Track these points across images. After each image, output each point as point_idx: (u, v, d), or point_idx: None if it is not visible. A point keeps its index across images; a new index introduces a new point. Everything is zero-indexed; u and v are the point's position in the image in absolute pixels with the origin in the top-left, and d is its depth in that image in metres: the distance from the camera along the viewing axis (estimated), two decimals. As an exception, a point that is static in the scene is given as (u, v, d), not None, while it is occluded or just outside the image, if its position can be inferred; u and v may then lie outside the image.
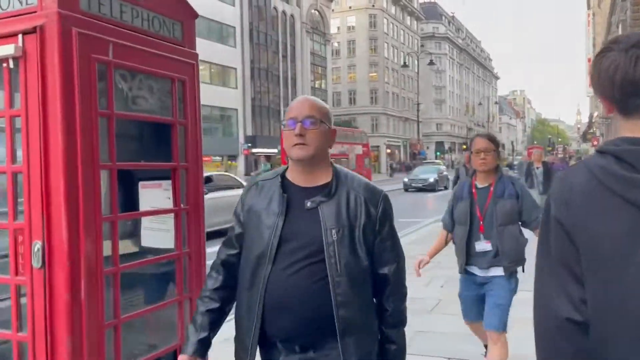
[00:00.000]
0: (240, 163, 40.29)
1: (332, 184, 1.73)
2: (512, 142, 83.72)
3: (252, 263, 1.73)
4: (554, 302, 1.09)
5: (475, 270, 3.41)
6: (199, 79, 2.51)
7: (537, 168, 10.69)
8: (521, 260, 3.36)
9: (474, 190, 3.39)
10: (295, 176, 1.77)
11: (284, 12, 46.36)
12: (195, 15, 2.54)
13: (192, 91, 2.45)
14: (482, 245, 3.31)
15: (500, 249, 3.26)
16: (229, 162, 39.79)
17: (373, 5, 67.10)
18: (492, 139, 3.39)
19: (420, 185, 28.08)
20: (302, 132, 1.69)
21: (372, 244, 1.75)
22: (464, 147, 74.06)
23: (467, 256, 3.38)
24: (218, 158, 39.10)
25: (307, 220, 1.70)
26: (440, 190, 27.72)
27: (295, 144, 1.70)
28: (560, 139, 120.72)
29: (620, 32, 23.06)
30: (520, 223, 3.39)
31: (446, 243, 3.66)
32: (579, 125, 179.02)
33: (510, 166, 33.56)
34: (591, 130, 54.78)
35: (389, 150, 67.44)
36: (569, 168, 1.23)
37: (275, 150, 39.06)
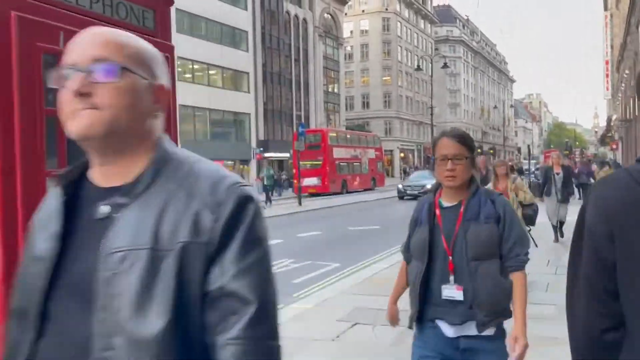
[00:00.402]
0: (253, 168, 40.16)
1: (144, 177, 0.96)
2: (528, 146, 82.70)
3: (8, 329, 1.00)
4: (582, 312, 1.09)
5: (443, 326, 2.29)
6: (174, 73, 2.23)
7: (557, 174, 9.82)
8: (504, 312, 2.29)
9: (437, 212, 2.34)
10: (94, 170, 1.02)
11: (296, 16, 46.25)
12: (170, 2, 2.26)
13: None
14: (451, 292, 2.25)
15: (472, 295, 2.21)
16: (241, 166, 39.67)
17: (386, 9, 66.80)
18: (464, 140, 2.33)
19: (416, 192, 24.73)
20: (87, 88, 0.92)
21: (198, 284, 0.92)
22: (479, 150, 73.38)
23: (428, 305, 2.29)
24: (230, 163, 39.01)
25: (95, 240, 0.94)
26: None
27: (76, 110, 0.94)
28: (577, 143, 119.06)
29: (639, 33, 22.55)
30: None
31: None
32: (596, 129, 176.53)
33: (521, 171, 32.63)
34: (609, 134, 53.75)
35: (402, 154, 66.93)
36: (609, 176, 1.17)
37: (288, 155, 38.86)
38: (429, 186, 24.85)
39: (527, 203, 6.38)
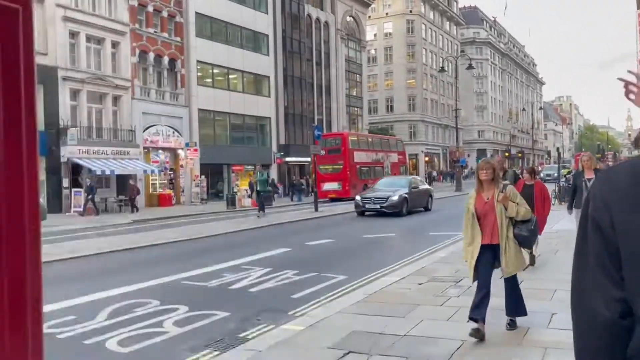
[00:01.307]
0: (273, 172, 39.65)
1: None
2: (557, 149, 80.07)
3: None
4: (587, 300, 1.10)
5: None
6: (32, 34, 1.56)
7: (589, 180, 7.85)
8: None
9: None
10: None
11: (317, 19, 45.71)
12: None
13: (13, 52, 1.49)
14: None
15: None
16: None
17: (410, 11, 65.81)
18: None
19: (377, 206, 18.86)
20: None
21: None
22: (507, 154, 71.80)
23: None
24: (251, 167, 38.60)
25: None
26: (418, 211, 20.25)
27: None
28: (610, 146, 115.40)
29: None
30: None
31: None
32: (629, 132, 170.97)
33: (535, 174, 29.28)
34: (644, 136, 51.51)
35: (427, 158, 65.73)
36: (612, 166, 1.23)
37: (309, 159, 38.23)
38: (395, 198, 18.69)
39: (521, 219, 4.79)
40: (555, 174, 34.69)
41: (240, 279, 7.92)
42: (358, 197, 20.13)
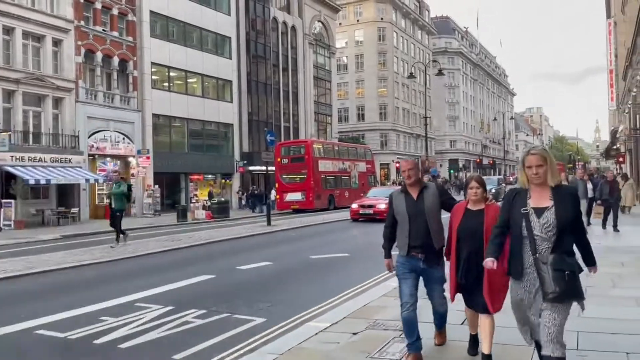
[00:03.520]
0: (236, 182, 37.53)
1: None
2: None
3: None
4: None
5: None
6: None
7: (537, 210, 3.21)
8: None
9: None
10: None
11: (284, 23, 43.96)
12: None
13: None
14: None
15: None
16: (223, 180, 37.03)
17: (382, 19, 64.70)
18: None
19: None
20: None
21: None
22: (478, 160, 70.80)
23: None
24: (211, 177, 36.41)
25: None
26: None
27: None
28: (579, 157, 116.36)
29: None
30: None
31: None
32: (597, 143, 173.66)
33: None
34: (615, 147, 50.99)
35: (398, 166, 64.33)
36: None
37: (273, 168, 36.23)
38: None
39: None
40: (494, 189, 28.40)
41: (120, 325, 5.90)
42: None
